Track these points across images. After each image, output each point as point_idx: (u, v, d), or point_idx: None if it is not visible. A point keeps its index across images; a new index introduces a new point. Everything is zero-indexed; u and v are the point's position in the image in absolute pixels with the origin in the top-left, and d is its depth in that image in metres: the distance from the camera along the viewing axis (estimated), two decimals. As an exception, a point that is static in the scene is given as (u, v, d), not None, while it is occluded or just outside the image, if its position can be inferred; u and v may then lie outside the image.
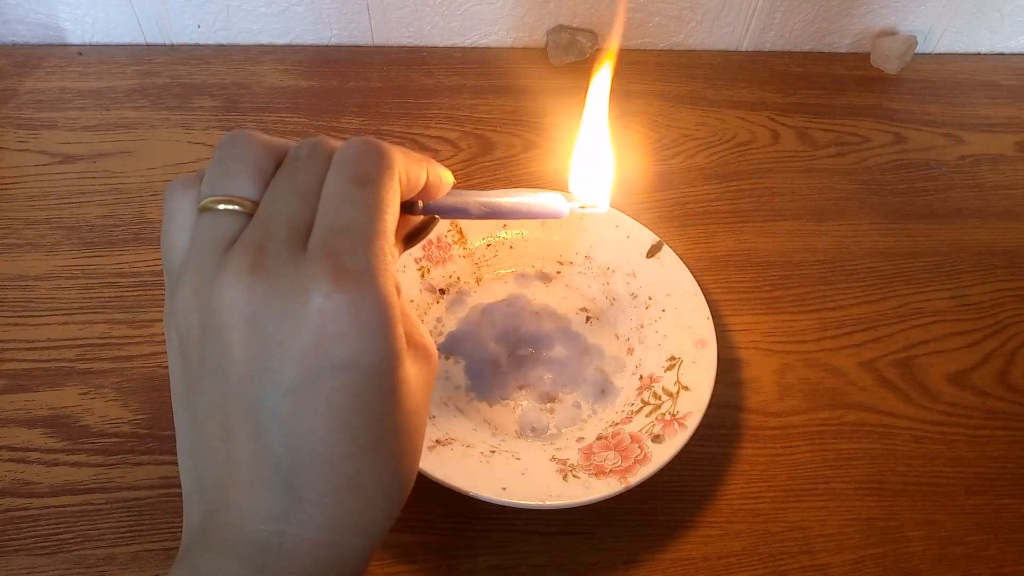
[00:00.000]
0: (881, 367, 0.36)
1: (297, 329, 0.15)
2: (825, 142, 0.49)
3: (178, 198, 0.17)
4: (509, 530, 0.29)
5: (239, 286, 0.15)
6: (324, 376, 0.16)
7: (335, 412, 0.16)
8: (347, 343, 0.16)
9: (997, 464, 0.33)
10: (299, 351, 0.15)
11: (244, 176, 0.17)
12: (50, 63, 0.51)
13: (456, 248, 0.37)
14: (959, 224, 0.44)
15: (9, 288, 0.37)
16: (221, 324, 0.16)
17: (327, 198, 0.17)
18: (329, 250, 0.16)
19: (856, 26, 0.56)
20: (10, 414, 0.32)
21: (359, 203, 0.16)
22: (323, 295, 0.15)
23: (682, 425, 0.29)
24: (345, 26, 0.54)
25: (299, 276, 0.15)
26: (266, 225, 0.16)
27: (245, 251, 0.16)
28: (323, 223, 0.16)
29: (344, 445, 0.16)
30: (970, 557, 0.30)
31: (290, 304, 0.15)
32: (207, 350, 0.16)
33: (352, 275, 0.15)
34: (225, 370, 0.16)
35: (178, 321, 0.17)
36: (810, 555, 0.29)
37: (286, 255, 0.16)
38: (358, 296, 0.15)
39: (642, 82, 0.53)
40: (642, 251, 0.36)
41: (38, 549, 0.28)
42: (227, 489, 0.17)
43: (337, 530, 0.17)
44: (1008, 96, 0.54)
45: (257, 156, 0.17)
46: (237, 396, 0.16)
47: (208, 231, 0.17)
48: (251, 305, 0.15)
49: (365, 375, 0.16)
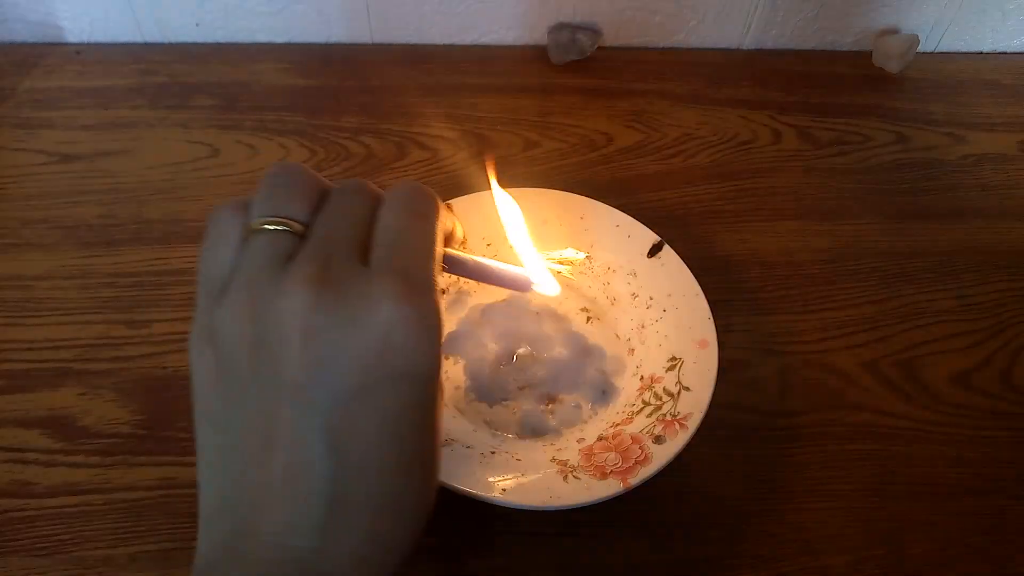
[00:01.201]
0: (883, 367, 0.36)
1: (362, 337, 0.16)
2: (827, 141, 0.49)
3: (227, 219, 0.18)
4: (509, 531, 0.29)
5: (305, 294, 0.16)
6: (382, 385, 0.16)
7: (388, 423, 0.16)
8: (407, 353, 0.16)
9: (999, 465, 0.33)
10: (361, 359, 0.16)
11: (297, 200, 0.18)
12: (48, 62, 0.51)
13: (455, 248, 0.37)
14: (961, 224, 0.44)
15: (7, 288, 0.37)
16: (282, 331, 0.16)
17: (386, 225, 0.18)
18: (396, 265, 0.17)
19: (858, 25, 0.55)
20: (8, 414, 0.32)
21: (419, 231, 0.18)
22: (392, 305, 0.16)
23: (683, 426, 0.29)
24: (344, 25, 0.53)
25: (368, 286, 0.16)
26: (326, 242, 0.17)
27: (309, 262, 0.16)
28: (385, 244, 0.17)
29: (393, 457, 0.17)
30: (972, 558, 0.30)
31: (358, 313, 0.16)
32: (260, 360, 0.16)
33: (418, 290, 0.16)
34: (279, 378, 0.16)
35: (222, 334, 0.17)
36: (811, 556, 0.29)
37: (353, 268, 0.17)
38: (423, 308, 0.16)
39: (643, 81, 0.53)
40: (643, 251, 0.36)
41: (36, 550, 0.28)
42: (262, 504, 0.16)
43: (375, 546, 0.17)
44: (1010, 95, 0.54)
45: (308, 184, 0.19)
46: (288, 405, 0.16)
47: (262, 248, 0.17)
48: (316, 313, 0.16)
49: (419, 385, 0.17)
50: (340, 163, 0.45)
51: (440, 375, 0.18)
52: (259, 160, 0.45)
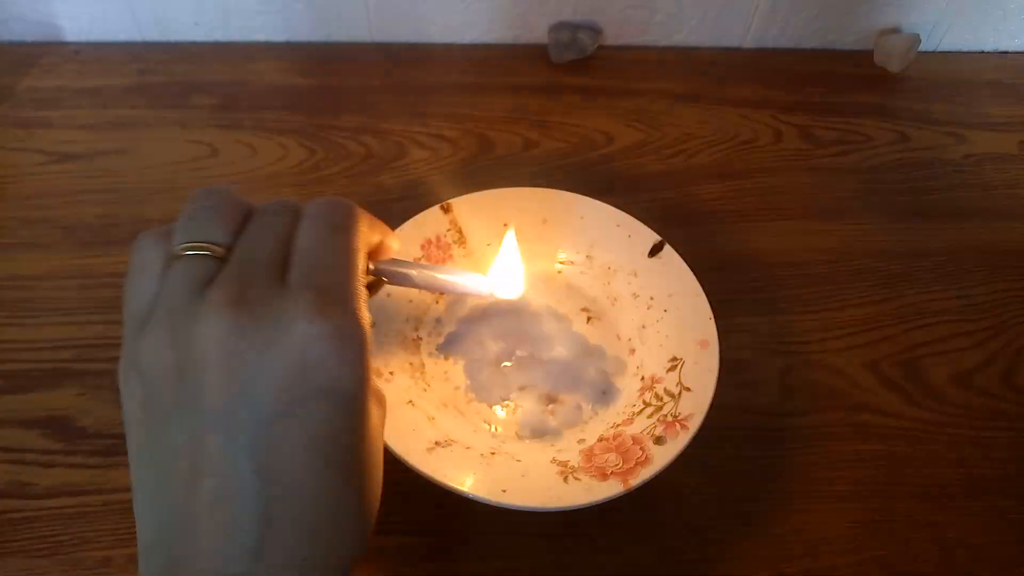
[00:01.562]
0: (885, 368, 0.36)
1: (279, 358, 0.16)
2: (828, 141, 0.49)
3: (149, 247, 0.18)
4: (509, 532, 0.29)
5: (222, 318, 0.16)
6: (304, 403, 0.16)
7: (314, 441, 0.16)
8: (327, 369, 0.16)
9: (1001, 465, 0.32)
10: (280, 379, 0.16)
11: (218, 224, 0.18)
12: (47, 61, 0.51)
13: (456, 248, 0.37)
14: (963, 224, 0.44)
15: (6, 288, 0.37)
16: (201, 358, 0.16)
17: (303, 243, 0.18)
18: (311, 282, 0.17)
19: (859, 24, 0.55)
20: (6, 415, 0.32)
21: (335, 246, 0.18)
22: (307, 321, 0.16)
23: (684, 426, 0.29)
24: (344, 23, 0.53)
25: (283, 305, 0.16)
26: (245, 264, 0.17)
27: (226, 286, 0.16)
28: (302, 262, 0.17)
29: (322, 475, 0.17)
30: (974, 559, 0.29)
31: (273, 333, 0.16)
32: (182, 388, 0.16)
33: (334, 303, 0.16)
34: (201, 405, 0.16)
35: (145, 364, 0.17)
36: (813, 557, 0.29)
37: (268, 288, 0.16)
38: (340, 323, 0.16)
39: (644, 80, 0.53)
40: (644, 251, 0.36)
41: (35, 551, 0.28)
42: (195, 533, 0.16)
43: (312, 567, 0.17)
44: (1012, 95, 0.54)
45: (229, 207, 0.18)
46: (213, 429, 0.16)
47: (182, 275, 0.17)
48: (233, 337, 0.16)
49: (342, 403, 0.16)
50: (340, 163, 0.45)
51: (369, 389, 0.17)
52: (259, 159, 0.45)
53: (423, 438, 0.29)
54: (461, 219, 0.37)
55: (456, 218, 0.37)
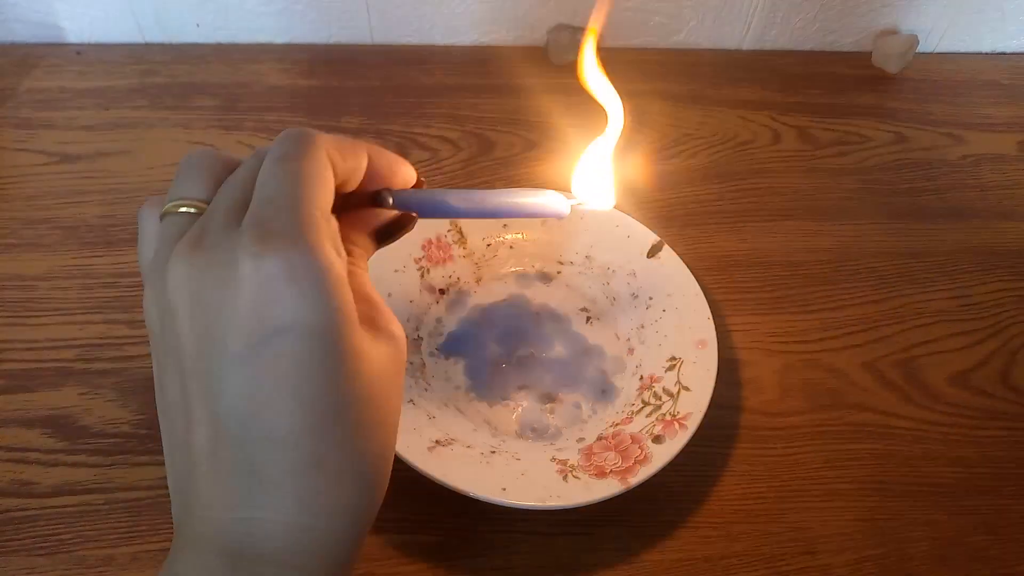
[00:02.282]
0: (882, 367, 0.36)
1: (233, 296, 0.16)
2: (826, 142, 0.49)
3: (148, 213, 0.19)
4: (509, 531, 0.29)
5: (181, 265, 0.16)
6: (268, 342, 0.16)
7: (284, 380, 0.16)
8: (284, 304, 0.16)
9: (998, 464, 0.33)
10: (238, 319, 0.16)
11: (198, 181, 0.19)
12: (49, 62, 0.51)
13: (456, 248, 0.37)
14: (960, 224, 0.44)
15: (8, 288, 0.37)
16: (171, 305, 0.16)
17: (258, 182, 0.18)
18: (256, 219, 0.16)
19: (857, 25, 0.55)
20: (9, 414, 0.32)
21: (282, 176, 0.17)
22: (251, 257, 0.16)
23: (683, 426, 0.29)
24: (345, 25, 0.53)
25: (231, 245, 0.16)
26: (208, 212, 0.18)
27: (189, 235, 0.17)
28: (253, 200, 0.17)
29: (298, 417, 0.16)
30: (971, 557, 0.30)
31: (224, 273, 0.16)
32: (166, 338, 0.17)
33: (277, 235, 0.16)
34: (180, 352, 0.16)
35: (147, 320, 0.18)
36: (811, 556, 0.29)
37: (221, 231, 0.17)
38: (285, 254, 0.16)
39: (643, 81, 0.53)
40: (643, 251, 0.36)
41: (37, 549, 0.28)
42: (194, 479, 0.16)
43: (307, 512, 0.16)
44: (1009, 96, 0.54)
45: (212, 165, 0.19)
46: (192, 374, 0.16)
47: (166, 232, 0.18)
48: (193, 280, 0.16)
49: (308, 338, 0.16)
50: (340, 163, 0.45)
51: (345, 324, 0.16)
52: (259, 160, 0.45)
53: (424, 437, 0.29)
54: (461, 219, 0.37)
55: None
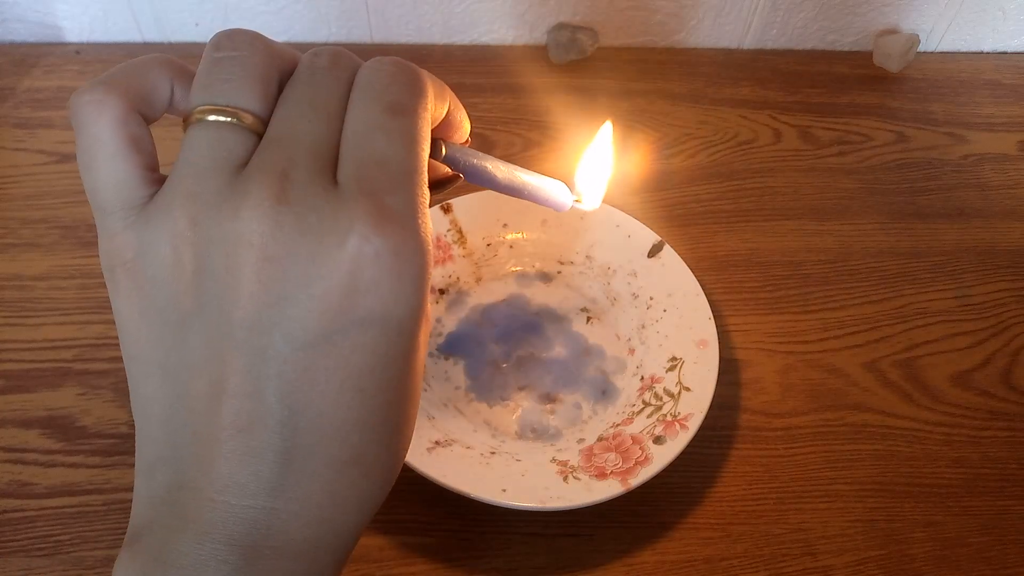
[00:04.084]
0: (883, 368, 0.36)
1: (327, 274, 0.13)
2: (827, 141, 0.49)
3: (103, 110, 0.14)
4: (509, 532, 0.29)
5: (262, 219, 0.13)
6: (347, 331, 0.14)
7: (352, 373, 0.14)
8: (379, 295, 0.14)
9: (1000, 465, 0.33)
10: (325, 300, 0.14)
11: (247, 83, 0.14)
12: (48, 62, 0.51)
13: (456, 248, 0.37)
14: (962, 224, 0.44)
15: (6, 288, 0.37)
16: (233, 260, 0.13)
17: (356, 125, 0.15)
18: (367, 187, 0.14)
19: (858, 24, 0.55)
20: (7, 415, 0.32)
21: (395, 135, 0.14)
22: (362, 237, 0.13)
23: (684, 426, 0.29)
24: (344, 24, 0.53)
25: (335, 213, 0.13)
26: (285, 148, 0.14)
27: (265, 175, 0.14)
28: (354, 154, 0.14)
29: (354, 412, 0.15)
30: (973, 558, 0.30)
31: (322, 244, 0.13)
32: (206, 291, 0.14)
33: (395, 218, 0.14)
34: (228, 315, 0.14)
35: (152, 258, 0.14)
36: (812, 557, 0.29)
37: (316, 187, 0.14)
38: (399, 242, 0.14)
39: (644, 80, 0.53)
40: (643, 251, 0.36)
41: (35, 551, 0.28)
42: (210, 457, 0.14)
43: (334, 506, 0.15)
44: (1011, 95, 0.54)
45: (262, 61, 0.15)
46: (239, 346, 0.14)
47: (204, 149, 0.14)
48: (274, 241, 0.13)
49: (392, 333, 0.14)
50: (340, 163, 0.45)
51: (423, 321, 0.15)
52: (259, 160, 0.45)
53: (423, 438, 0.29)
54: (461, 219, 0.37)
55: (456, 218, 0.37)
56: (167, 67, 0.15)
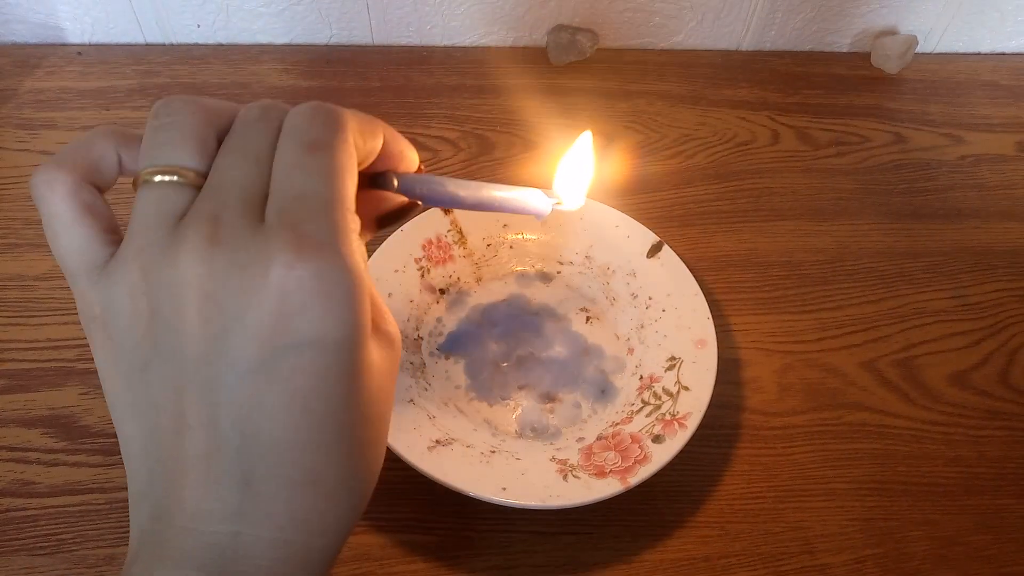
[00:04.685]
0: (881, 367, 0.36)
1: (257, 304, 0.14)
2: (825, 142, 0.49)
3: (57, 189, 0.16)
4: (509, 530, 0.29)
5: (197, 260, 0.15)
6: (285, 355, 0.15)
7: (296, 395, 0.15)
8: (311, 318, 0.15)
9: (997, 464, 0.33)
10: (259, 327, 0.15)
11: (183, 144, 0.16)
12: (50, 63, 0.51)
13: (456, 248, 0.37)
14: (959, 224, 0.44)
15: (9, 288, 0.37)
16: (177, 302, 0.15)
17: (280, 165, 0.16)
18: (288, 219, 0.15)
19: (856, 26, 0.56)
20: (10, 414, 0.32)
21: (313, 169, 0.16)
22: (284, 266, 0.14)
23: (682, 425, 0.29)
24: (345, 25, 0.54)
25: (258, 247, 0.15)
26: (218, 194, 0.15)
27: (199, 223, 0.15)
28: (279, 191, 0.15)
29: (304, 433, 0.15)
30: (970, 557, 0.30)
31: (250, 277, 0.14)
32: (159, 334, 0.15)
33: (314, 244, 0.15)
34: (181, 352, 0.15)
35: (115, 311, 0.16)
36: (810, 555, 0.29)
37: (243, 225, 0.15)
38: (322, 266, 0.15)
39: (642, 82, 0.53)
40: (642, 251, 0.36)
41: (38, 549, 0.28)
42: (180, 487, 0.15)
43: (297, 529, 0.16)
44: (1009, 96, 0.54)
45: (197, 122, 0.16)
46: (192, 380, 0.15)
47: (151, 206, 0.15)
48: (210, 280, 0.15)
49: (330, 354, 0.15)
50: (340, 164, 0.45)
51: (364, 335, 0.16)
52: (260, 161, 0.45)
53: (424, 437, 0.29)
54: (461, 219, 0.37)
55: (456, 218, 0.37)
56: (112, 138, 0.17)
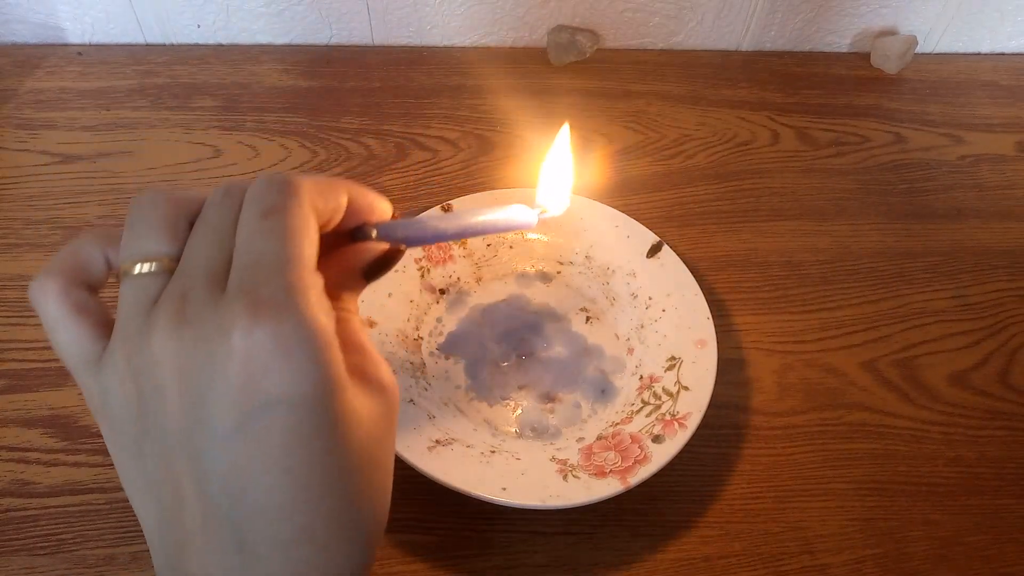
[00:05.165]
0: (881, 367, 0.36)
1: (223, 371, 0.15)
2: (825, 142, 0.49)
3: (49, 294, 0.18)
4: (509, 530, 0.29)
5: (167, 338, 0.16)
6: (258, 416, 0.15)
7: (273, 454, 0.16)
8: (275, 377, 0.15)
9: (997, 464, 0.33)
10: (229, 393, 0.15)
11: (155, 234, 0.17)
12: (50, 63, 0.51)
13: (456, 248, 0.37)
14: (959, 224, 0.44)
15: (9, 288, 0.37)
16: (156, 382, 0.16)
17: (240, 237, 0.17)
18: (245, 286, 0.16)
19: (856, 26, 0.56)
20: (10, 414, 0.32)
21: (267, 234, 0.16)
22: (243, 331, 0.15)
23: (682, 425, 0.29)
24: (345, 26, 0.54)
25: (220, 317, 0.15)
26: (186, 274, 0.16)
27: (169, 303, 0.16)
28: (238, 260, 0.16)
29: (288, 491, 0.16)
30: (970, 557, 0.30)
31: (215, 346, 0.15)
32: (146, 414, 0.16)
33: (268, 305, 0.15)
34: (165, 428, 0.16)
35: (109, 397, 0.17)
36: (810, 555, 0.29)
37: (206, 299, 0.16)
38: (277, 325, 0.15)
39: (642, 82, 0.53)
40: (642, 251, 0.36)
41: (38, 549, 0.28)
42: (187, 558, 0.16)
43: None
44: (1008, 96, 0.54)
45: (167, 213, 0.17)
46: (179, 453, 0.16)
47: (129, 297, 0.17)
48: (180, 355, 0.15)
49: (300, 410, 0.16)
50: (341, 163, 0.45)
51: (337, 388, 0.16)
52: (261, 161, 0.45)
53: (424, 437, 0.29)
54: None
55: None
56: (97, 241, 0.18)
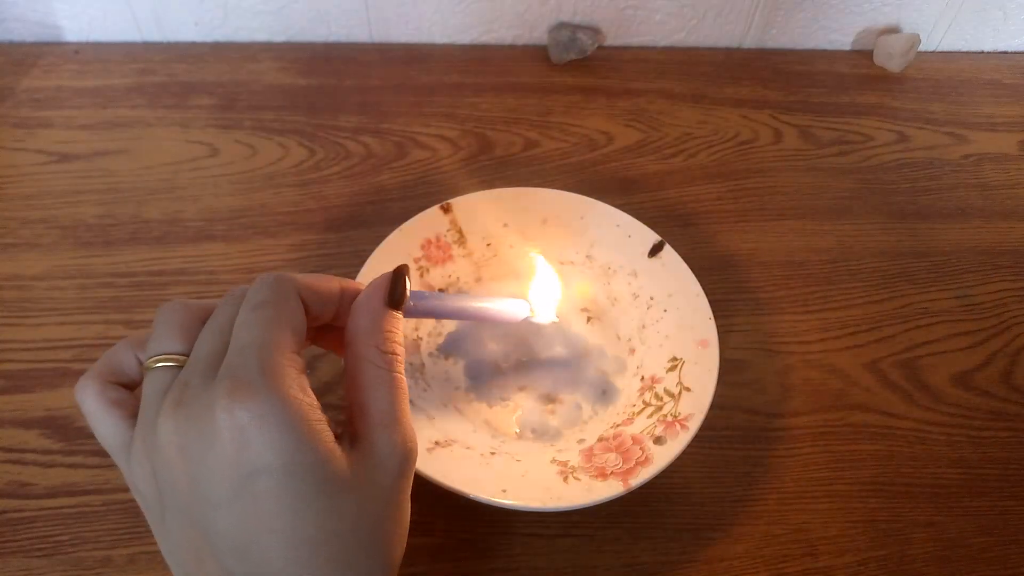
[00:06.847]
0: (884, 368, 0.36)
1: (212, 446, 0.17)
2: (828, 141, 0.49)
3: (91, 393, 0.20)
4: (509, 532, 0.29)
5: (168, 421, 0.18)
6: (248, 484, 0.17)
7: (264, 517, 0.17)
8: (256, 449, 0.17)
9: (1001, 465, 0.33)
10: (221, 465, 0.17)
11: (173, 336, 0.20)
12: (46, 61, 0.51)
13: (456, 248, 0.37)
14: (962, 224, 0.44)
15: (5, 288, 0.37)
16: (164, 460, 0.18)
17: (233, 330, 0.19)
18: (230, 371, 0.18)
19: (859, 24, 0.55)
20: (6, 415, 0.32)
21: (251, 325, 0.19)
22: (224, 410, 0.17)
23: (684, 426, 0.29)
24: (344, 23, 0.53)
25: (208, 398, 0.17)
26: (191, 366, 0.19)
27: (174, 391, 0.18)
28: (228, 350, 0.19)
29: (280, 551, 0.17)
30: (974, 559, 0.30)
31: (203, 423, 0.17)
32: (163, 490, 0.18)
33: (247, 386, 0.17)
34: (178, 501, 0.18)
35: (138, 478, 0.19)
36: (813, 557, 0.29)
37: (200, 384, 0.18)
38: (253, 403, 0.17)
39: (644, 80, 0.53)
40: (643, 251, 0.36)
41: (34, 551, 0.28)
42: None
43: None
44: (1012, 95, 0.54)
45: (183, 318, 0.20)
46: (192, 522, 0.18)
47: (148, 388, 0.19)
48: (178, 435, 0.18)
49: (283, 478, 0.17)
50: (339, 162, 0.45)
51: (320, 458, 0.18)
52: (258, 159, 0.45)
53: (423, 438, 0.29)
54: (461, 219, 0.37)
55: (456, 218, 0.37)
56: (131, 346, 0.21)
